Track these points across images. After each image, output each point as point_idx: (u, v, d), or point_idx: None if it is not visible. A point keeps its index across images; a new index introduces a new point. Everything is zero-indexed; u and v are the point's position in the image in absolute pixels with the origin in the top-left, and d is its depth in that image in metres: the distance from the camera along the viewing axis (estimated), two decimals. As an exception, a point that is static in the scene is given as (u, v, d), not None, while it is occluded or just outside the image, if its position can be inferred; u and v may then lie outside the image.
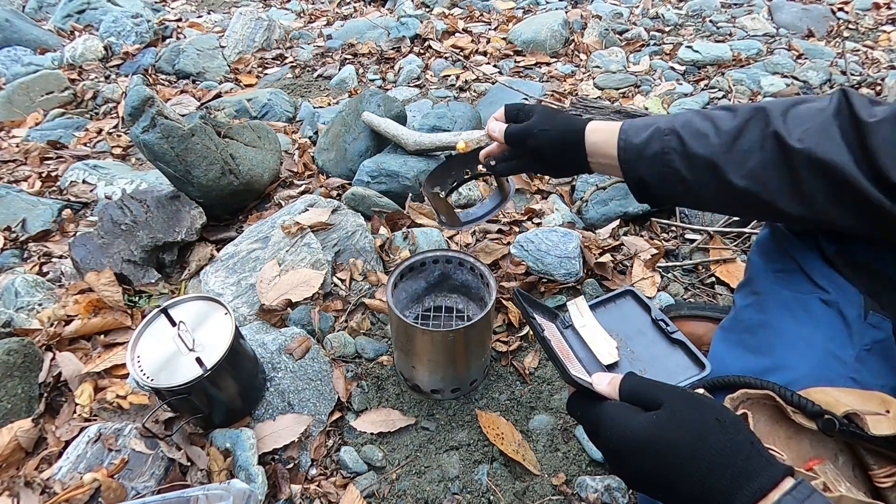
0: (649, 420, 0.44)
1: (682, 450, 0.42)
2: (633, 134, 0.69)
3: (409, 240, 1.40)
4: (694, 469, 0.41)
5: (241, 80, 2.51)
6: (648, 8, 2.97)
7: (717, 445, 0.41)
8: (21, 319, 1.16)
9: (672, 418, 0.43)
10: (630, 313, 0.72)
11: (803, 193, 0.56)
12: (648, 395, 0.47)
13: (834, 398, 0.52)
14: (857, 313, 0.58)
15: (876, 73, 2.16)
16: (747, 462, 0.40)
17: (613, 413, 0.47)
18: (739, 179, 0.60)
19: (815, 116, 0.56)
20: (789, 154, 0.56)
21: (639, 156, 0.68)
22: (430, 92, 2.31)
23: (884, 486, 0.50)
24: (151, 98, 1.46)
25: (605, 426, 0.47)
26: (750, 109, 0.61)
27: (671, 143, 0.64)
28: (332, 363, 1.12)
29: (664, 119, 0.67)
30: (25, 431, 0.95)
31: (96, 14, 2.95)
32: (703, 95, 2.09)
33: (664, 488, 0.43)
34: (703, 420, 0.43)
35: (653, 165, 0.67)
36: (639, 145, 0.67)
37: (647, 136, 0.67)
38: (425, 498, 0.93)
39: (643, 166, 0.68)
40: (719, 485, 0.40)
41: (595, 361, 0.66)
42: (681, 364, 0.64)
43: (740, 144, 0.60)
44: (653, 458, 0.43)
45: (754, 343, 0.65)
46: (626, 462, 0.45)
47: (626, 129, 0.70)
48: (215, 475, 0.90)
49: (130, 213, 1.36)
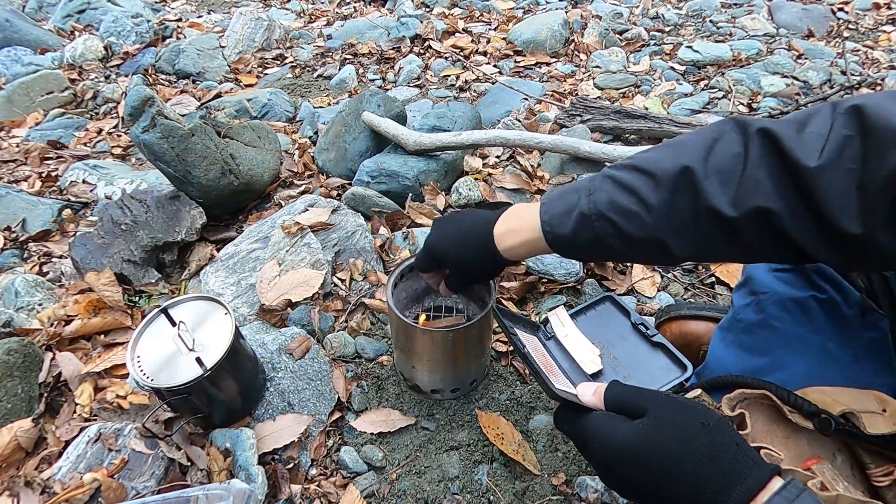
0: (634, 429, 0.44)
1: (668, 456, 0.42)
2: (558, 224, 0.62)
3: (409, 240, 1.40)
4: (681, 474, 0.41)
5: (241, 80, 2.51)
6: (648, 8, 2.97)
7: (703, 449, 0.41)
8: (21, 319, 1.16)
9: (656, 425, 0.43)
10: (610, 319, 0.73)
11: (751, 249, 0.53)
12: (633, 403, 0.47)
13: (831, 397, 0.52)
14: (854, 313, 0.58)
15: (876, 73, 2.16)
16: (734, 464, 0.40)
17: (599, 424, 0.47)
18: (682, 250, 0.56)
19: (738, 169, 0.51)
20: (729, 224, 0.51)
21: (572, 245, 0.63)
22: (430, 92, 2.31)
23: (881, 485, 0.50)
24: (151, 98, 1.46)
25: (592, 438, 0.47)
26: (671, 177, 0.54)
27: (605, 230, 0.59)
28: (332, 363, 1.12)
29: (580, 195, 0.61)
30: (25, 431, 0.95)
31: (96, 14, 2.95)
32: (703, 95, 2.09)
33: (653, 496, 0.43)
34: (687, 425, 0.43)
35: (592, 250, 0.62)
36: (568, 236, 0.62)
37: (574, 226, 0.61)
38: (425, 498, 0.93)
39: (580, 252, 0.64)
40: (707, 488, 0.40)
41: (579, 371, 0.67)
42: (663, 367, 0.65)
43: (673, 220, 0.55)
44: (639, 466, 0.43)
45: (752, 343, 0.66)
46: (615, 472, 0.45)
47: (546, 219, 0.63)
48: (215, 475, 0.90)
49: (130, 213, 1.36)
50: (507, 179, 1.61)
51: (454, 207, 1.55)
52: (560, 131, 1.86)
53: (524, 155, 1.72)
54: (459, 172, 1.68)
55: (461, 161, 1.69)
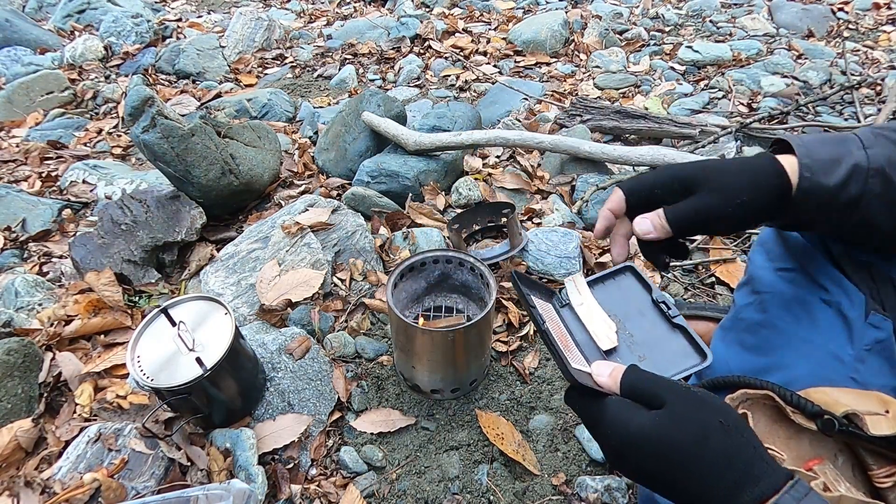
0: (651, 420, 0.44)
1: (684, 452, 0.41)
2: (820, 170, 0.51)
3: (409, 240, 1.40)
4: (695, 470, 0.41)
5: (241, 80, 2.51)
6: (648, 8, 2.97)
7: (719, 449, 0.41)
8: (21, 319, 1.16)
9: (674, 420, 0.43)
10: (630, 292, 0.66)
11: None
12: (650, 392, 0.46)
13: (833, 398, 0.52)
14: (858, 313, 0.58)
15: (876, 73, 2.16)
16: (749, 467, 0.40)
17: (614, 411, 0.46)
18: None
19: None
20: None
21: (829, 200, 0.51)
22: (430, 92, 2.31)
23: (883, 486, 0.50)
24: (151, 98, 1.46)
25: (606, 423, 0.46)
26: None
27: (875, 188, 0.51)
28: (332, 363, 1.12)
29: (850, 146, 0.52)
30: (25, 431, 0.95)
31: (96, 14, 2.95)
32: (703, 95, 2.09)
33: (665, 485, 0.43)
34: (705, 422, 0.42)
35: (842, 211, 0.52)
36: (831, 189, 0.51)
37: (844, 177, 0.51)
38: (425, 498, 0.93)
39: (828, 211, 0.53)
40: (720, 487, 0.40)
41: (593, 346, 0.62)
42: (681, 351, 0.59)
43: None
44: (654, 458, 0.43)
45: (754, 342, 0.65)
46: (627, 460, 0.45)
47: (808, 162, 0.52)
48: (215, 475, 0.90)
49: (130, 213, 1.36)
50: (507, 179, 1.61)
51: (454, 207, 1.55)
52: (560, 131, 1.85)
53: (524, 155, 1.72)
54: (459, 172, 1.68)
55: (461, 161, 1.69)
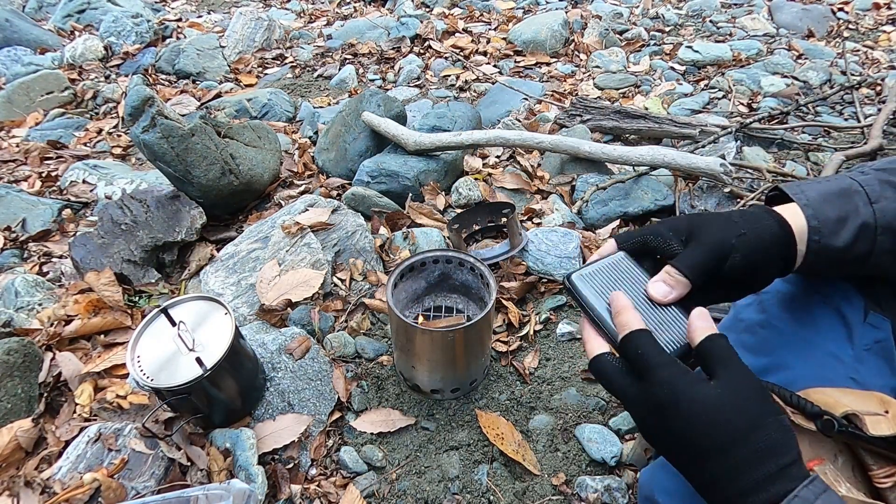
0: (708, 391, 0.42)
1: (734, 434, 0.40)
2: (828, 232, 0.51)
3: (409, 240, 1.40)
4: (738, 455, 0.40)
5: (241, 80, 2.51)
6: (648, 8, 2.97)
7: (770, 440, 0.40)
8: (21, 319, 1.16)
9: (733, 395, 0.42)
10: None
11: None
12: (718, 361, 0.44)
13: (833, 398, 0.52)
14: (857, 313, 0.58)
15: (876, 74, 2.16)
16: (786, 463, 0.40)
17: (672, 373, 0.43)
18: None
19: None
20: None
21: (839, 258, 0.52)
22: (430, 92, 2.31)
23: (883, 487, 0.50)
24: (151, 98, 1.46)
25: (657, 381, 0.43)
26: None
27: (885, 245, 0.51)
28: (332, 363, 1.12)
29: (857, 201, 0.52)
30: (25, 431, 0.95)
31: (96, 14, 2.95)
32: (703, 95, 2.09)
33: (690, 457, 0.42)
34: (762, 412, 0.42)
35: (853, 266, 0.53)
36: (840, 249, 0.51)
37: (851, 237, 0.51)
38: (425, 498, 0.93)
39: (839, 267, 0.53)
40: (751, 479, 0.39)
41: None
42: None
43: None
44: (702, 427, 0.41)
45: (754, 342, 0.65)
46: (665, 422, 0.43)
47: (816, 224, 0.51)
48: (215, 475, 0.90)
49: (130, 212, 1.36)
50: (507, 179, 1.61)
51: (454, 207, 1.55)
52: (560, 131, 1.85)
53: (524, 155, 1.72)
54: (459, 172, 1.68)
55: (461, 161, 1.69)
